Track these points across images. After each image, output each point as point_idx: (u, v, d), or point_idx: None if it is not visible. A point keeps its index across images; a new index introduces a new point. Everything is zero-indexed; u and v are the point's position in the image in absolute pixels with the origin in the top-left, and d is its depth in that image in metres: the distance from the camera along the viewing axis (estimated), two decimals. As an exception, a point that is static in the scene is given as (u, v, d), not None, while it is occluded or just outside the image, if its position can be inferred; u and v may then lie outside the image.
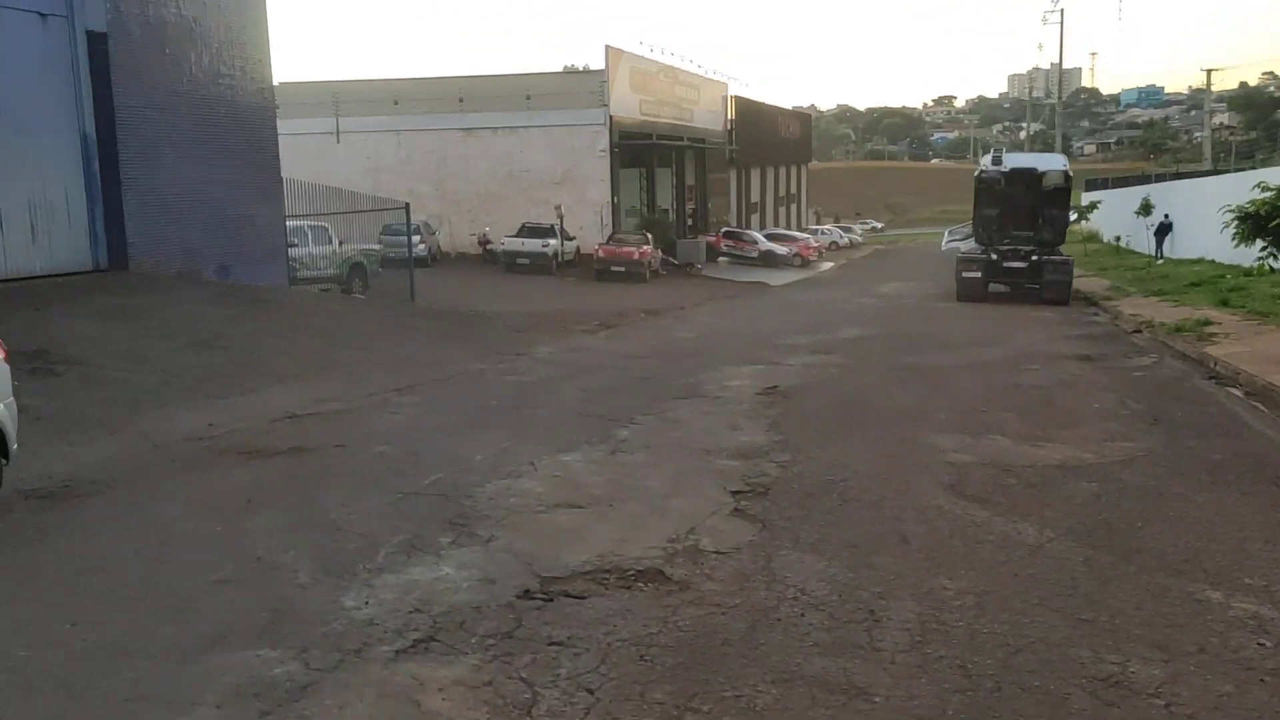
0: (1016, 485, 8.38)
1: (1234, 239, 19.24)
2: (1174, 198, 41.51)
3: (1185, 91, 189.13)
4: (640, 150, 42.62)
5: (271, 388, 13.58)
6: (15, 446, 8.14)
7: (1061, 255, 29.48)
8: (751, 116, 56.05)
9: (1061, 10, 56.23)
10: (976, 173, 33.65)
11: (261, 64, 22.53)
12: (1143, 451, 9.69)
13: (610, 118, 39.31)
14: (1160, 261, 39.24)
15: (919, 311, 25.55)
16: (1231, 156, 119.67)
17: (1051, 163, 33.44)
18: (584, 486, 8.33)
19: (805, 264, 48.35)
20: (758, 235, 49.01)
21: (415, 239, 32.90)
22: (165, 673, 4.93)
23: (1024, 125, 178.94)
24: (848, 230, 67.12)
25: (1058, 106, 66.38)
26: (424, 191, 39.89)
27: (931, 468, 8.96)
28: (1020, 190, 31.60)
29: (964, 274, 28.73)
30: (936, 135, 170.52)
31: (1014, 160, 33.77)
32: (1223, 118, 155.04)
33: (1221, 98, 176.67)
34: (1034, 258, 28.83)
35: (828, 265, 51.21)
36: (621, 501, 7.86)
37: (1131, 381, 14.18)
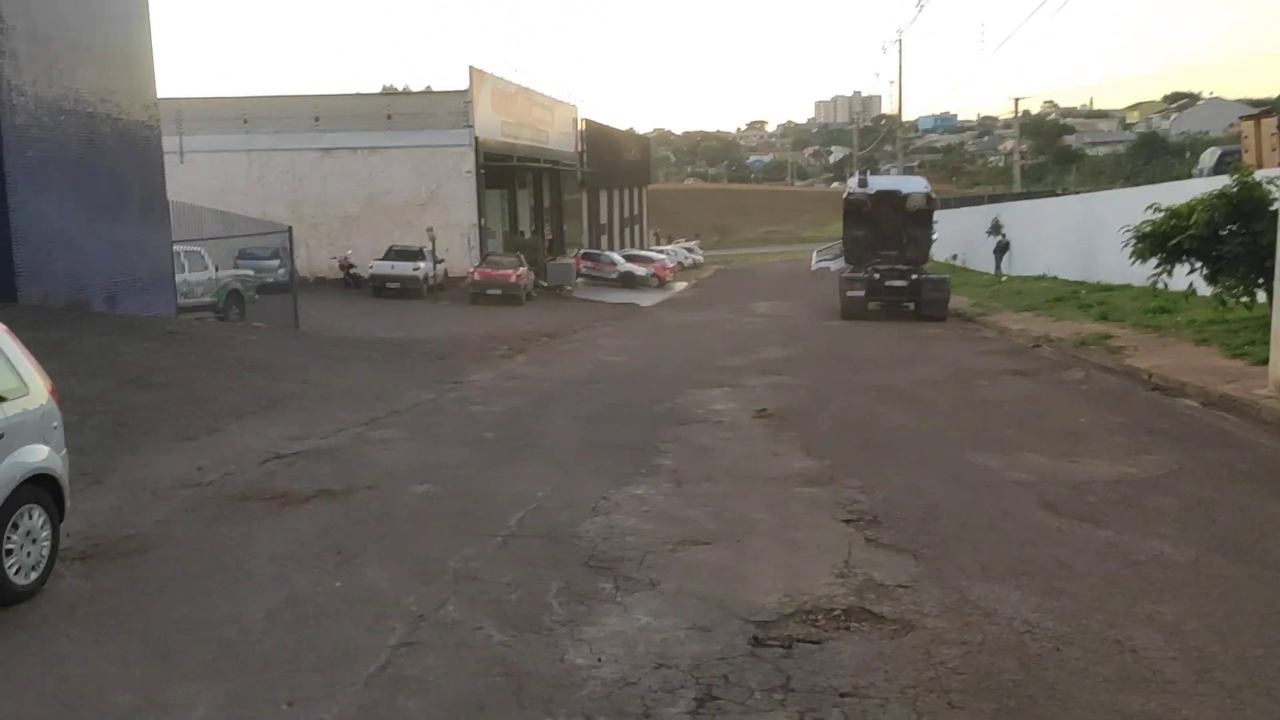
0: (1102, 502, 8.52)
1: (1131, 257, 20.36)
2: (1012, 218, 43.76)
3: (975, 119, 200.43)
4: (501, 172, 42.10)
5: (233, 426, 12.65)
6: (69, 504, 7.26)
7: (938, 275, 30.61)
8: (599, 139, 56.21)
9: (900, 41, 57.99)
10: (845, 195, 34.65)
11: (146, 82, 21.17)
12: (1174, 464, 10.03)
13: (476, 138, 38.65)
14: (1004, 278, 41.20)
15: (815, 330, 26.01)
16: (1024, 179, 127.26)
17: (914, 185, 34.81)
18: (687, 521, 8.03)
19: (662, 284, 48.68)
20: (616, 256, 49.10)
21: (275, 263, 31.60)
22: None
23: (831, 149, 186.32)
24: (691, 251, 67.98)
25: (899, 130, 69.21)
26: (278, 214, 38.03)
27: (1006, 488, 9.04)
28: (886, 212, 32.71)
29: (848, 293, 29.44)
30: (753, 159, 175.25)
31: (879, 183, 34.98)
32: (1012, 143, 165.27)
33: (1009, 125, 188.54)
34: (913, 277, 29.83)
35: (681, 285, 51.69)
36: (743, 536, 7.60)
37: (1085, 395, 14.74)
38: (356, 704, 4.94)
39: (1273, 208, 18.04)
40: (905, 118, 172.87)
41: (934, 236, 34.23)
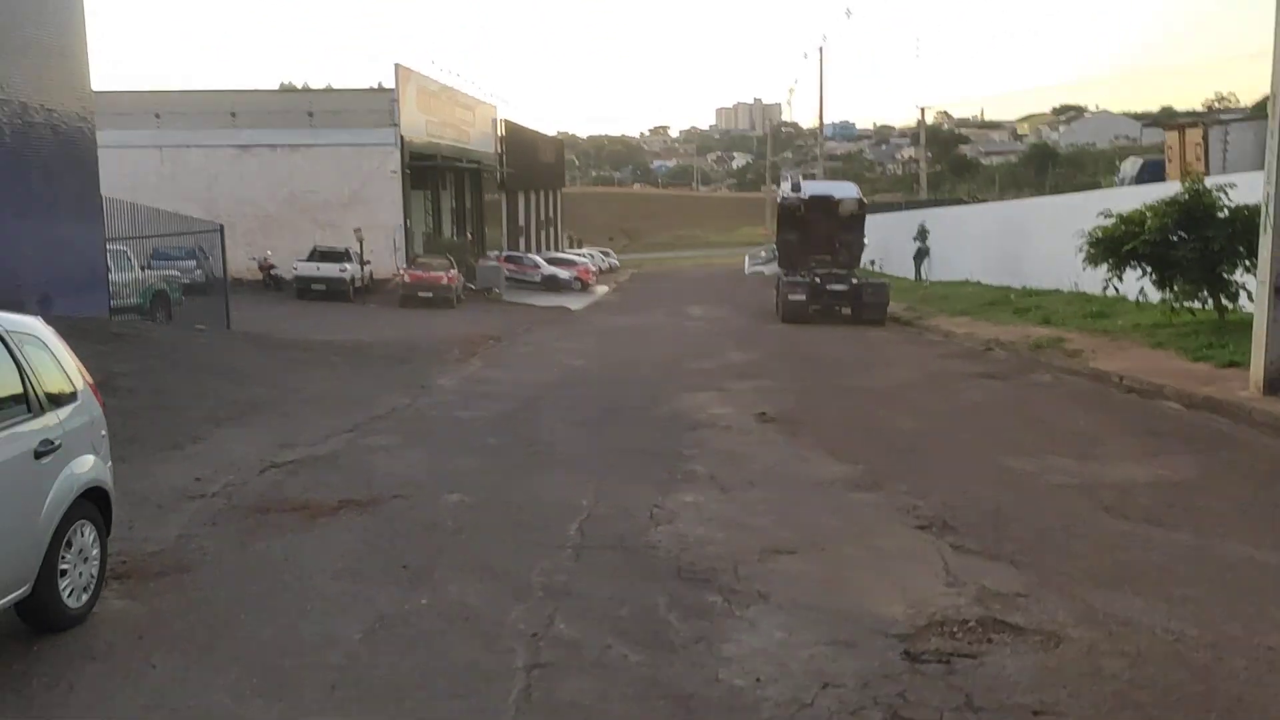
0: (1156, 505, 8.50)
1: (1085, 262, 20.76)
2: (933, 224, 44.47)
3: (871, 127, 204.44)
4: (423, 172, 41.26)
5: (216, 434, 12.01)
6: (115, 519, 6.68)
7: (878, 280, 30.89)
8: (518, 140, 55.59)
9: (820, 49, 58.59)
10: (778, 199, 34.82)
11: (81, 74, 20.08)
12: (1198, 467, 10.10)
13: (401, 138, 37.80)
14: (926, 283, 41.85)
15: (763, 333, 25.97)
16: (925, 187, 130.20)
17: (846, 190, 35.09)
18: (758, 530, 7.76)
19: (585, 288, 48.32)
20: (538, 259, 48.59)
21: (191, 263, 30.40)
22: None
23: (733, 155, 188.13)
24: (607, 255, 67.76)
25: (819, 135, 69.91)
26: (191, 213, 36.45)
27: (1055, 492, 8.97)
28: (819, 216, 32.93)
29: (790, 296, 29.44)
30: (656, 163, 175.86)
31: (812, 188, 35.19)
32: (910, 151, 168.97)
33: (905, 134, 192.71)
34: (853, 281, 30.05)
35: (603, 289, 51.39)
36: (826, 545, 7.37)
37: (1066, 398, 14.87)
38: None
39: (1221, 214, 18.59)
40: (804, 125, 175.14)
41: (865, 241, 34.61)
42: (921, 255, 44.45)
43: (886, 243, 50.21)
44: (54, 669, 5.36)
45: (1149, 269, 19.63)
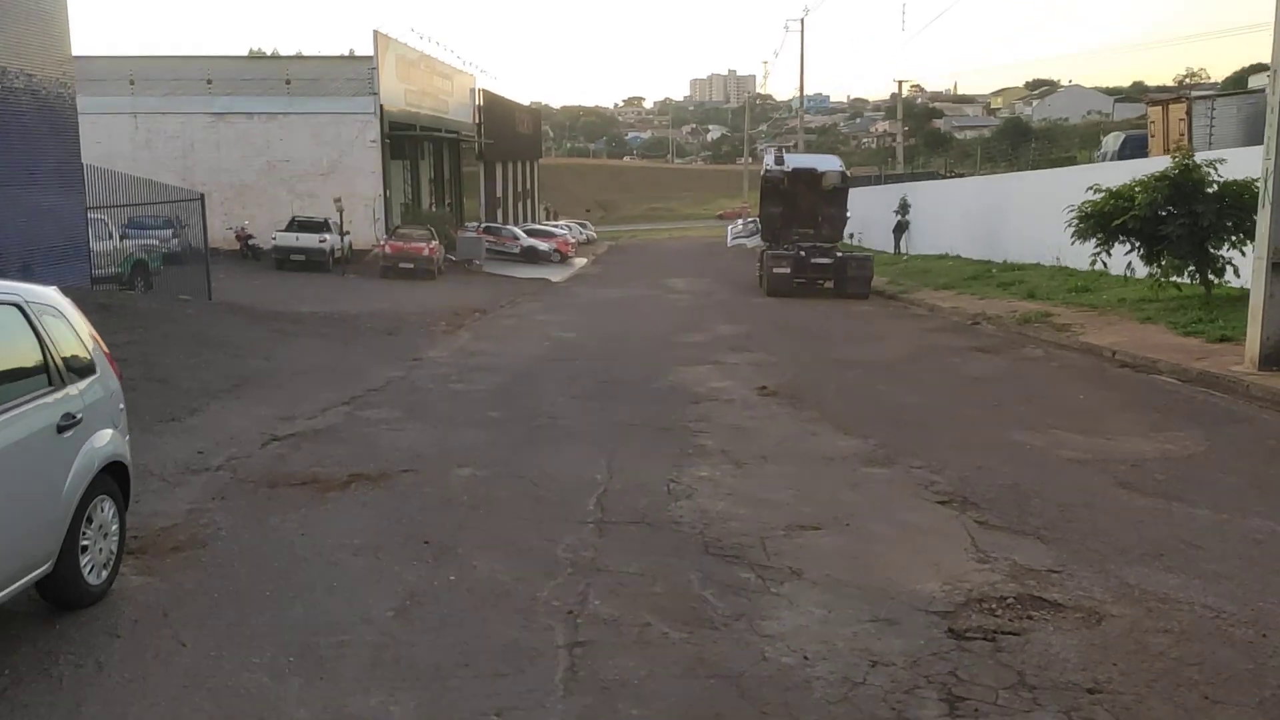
0: (1171, 480, 8.51)
1: (1073, 237, 20.77)
2: (913, 198, 44.44)
3: (845, 100, 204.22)
4: (401, 142, 40.80)
5: (212, 406, 11.84)
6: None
7: (862, 254, 30.86)
8: (495, 110, 55.09)
9: (802, 20, 58.28)
10: (762, 171, 34.66)
11: (60, 38, 19.67)
12: (1204, 441, 10.11)
13: (381, 106, 37.35)
14: (905, 256, 41.86)
15: (749, 306, 25.91)
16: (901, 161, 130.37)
17: (830, 164, 34.96)
18: (779, 505, 7.70)
19: (564, 260, 48.03)
20: (517, 230, 48.26)
21: (167, 232, 29.97)
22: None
23: (709, 128, 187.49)
24: (585, 227, 67.40)
25: (799, 108, 69.74)
26: (167, 181, 36.16)
27: (1069, 467, 8.96)
28: (802, 190, 32.86)
29: (775, 270, 29.36)
30: (631, 135, 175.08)
31: (795, 160, 35.03)
32: (885, 125, 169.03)
33: (879, 107, 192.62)
34: (838, 254, 30.02)
35: (582, 261, 51.12)
36: (850, 520, 7.31)
37: (1061, 372, 14.89)
38: (574, 713, 4.47)
39: (1210, 190, 18.64)
40: (779, 98, 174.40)
41: (848, 215, 34.55)
42: (901, 228, 44.43)
43: (865, 216, 50.13)
44: (80, 648, 5.23)
45: (1137, 244, 19.66)
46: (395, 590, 6.02)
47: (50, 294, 5.97)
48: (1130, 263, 20.03)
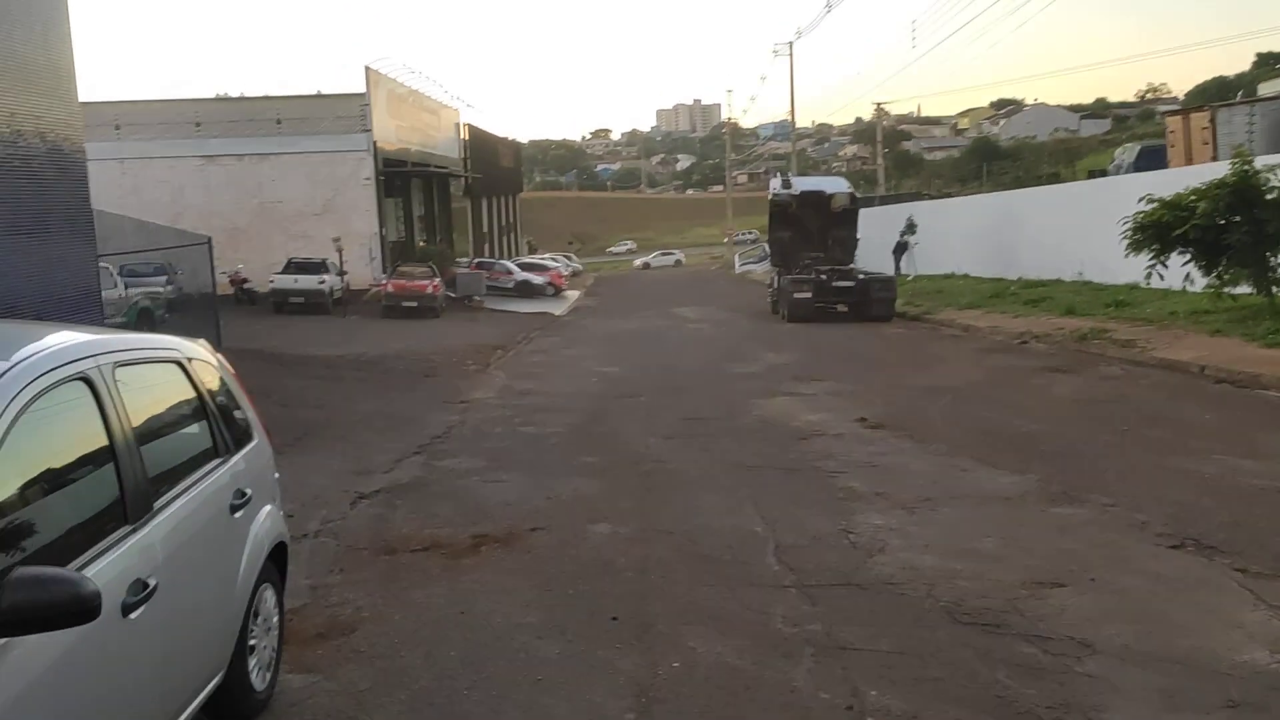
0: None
1: (1128, 249, 20.08)
2: (917, 218, 43.87)
3: (811, 126, 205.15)
4: (393, 179, 39.87)
5: (280, 462, 10.67)
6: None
7: (884, 275, 30.21)
8: (480, 145, 54.30)
9: (791, 44, 58.04)
10: (770, 196, 34.01)
11: (69, 86, 18.60)
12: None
13: (374, 143, 36.42)
14: (909, 277, 41.22)
15: (779, 333, 25.09)
16: (868, 184, 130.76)
17: (837, 185, 34.44)
18: (996, 557, 6.82)
19: (559, 293, 47.19)
20: (510, 265, 47.40)
21: (161, 278, 28.89)
22: None
23: (678, 158, 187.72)
24: (570, 259, 66.66)
25: (793, 139, 69.36)
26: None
27: (1271, 496, 8.12)
28: (810, 213, 32.29)
29: (795, 295, 28.56)
30: (601, 166, 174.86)
31: (803, 184, 34.45)
32: (853, 149, 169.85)
33: (845, 132, 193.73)
34: (860, 277, 29.34)
35: (576, 294, 50.28)
36: (1089, 572, 6.42)
37: (1158, 390, 14.08)
38: None
39: (1270, 196, 18.02)
40: (746, 126, 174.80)
41: (858, 236, 33.94)
42: (901, 249, 43.80)
43: (861, 237, 49.49)
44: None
45: (1195, 255, 19.02)
46: (617, 683, 5.07)
47: (203, 349, 5.01)
48: (1188, 274, 19.36)
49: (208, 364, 4.86)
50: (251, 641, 4.77)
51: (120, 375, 3.83)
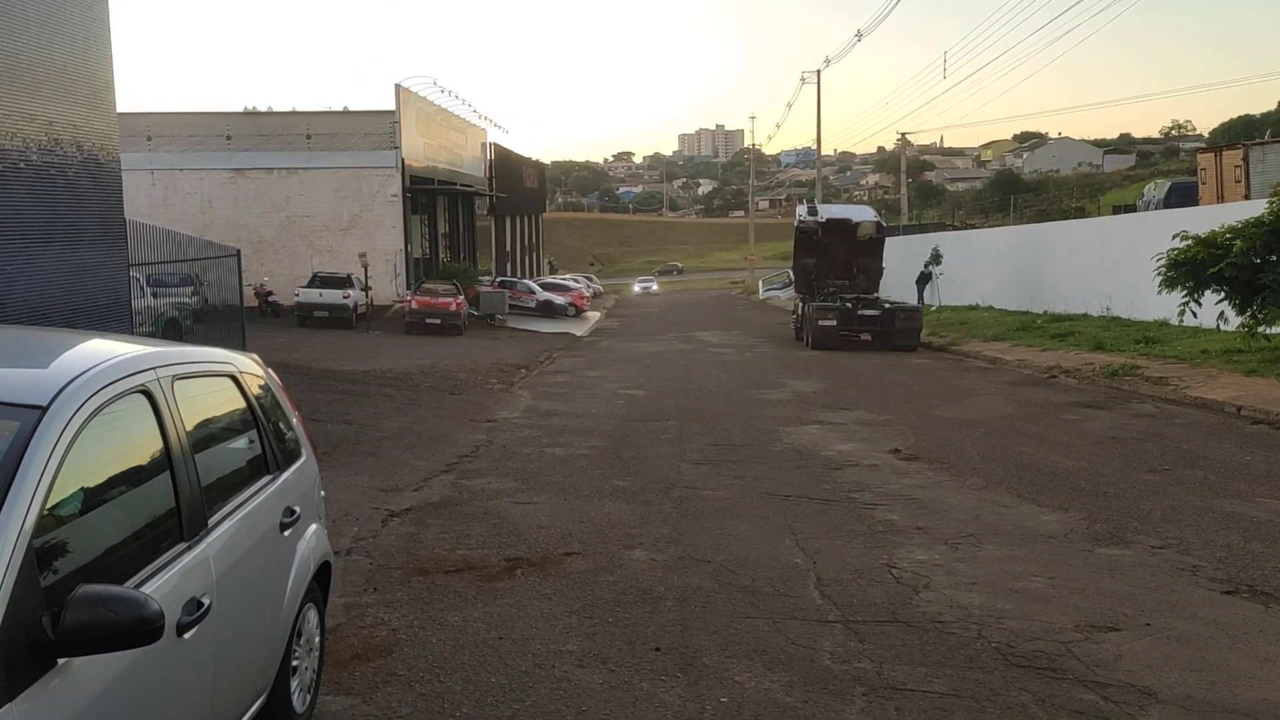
0: None
1: (1161, 286, 19.87)
2: (943, 248, 43.68)
3: (834, 154, 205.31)
4: (419, 196, 40.00)
5: (308, 478, 10.68)
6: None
7: (910, 305, 30.06)
8: (505, 164, 54.49)
9: (819, 72, 58.14)
10: (795, 223, 33.90)
11: (105, 95, 18.71)
12: None
13: (402, 160, 36.54)
14: (934, 308, 40.98)
15: (803, 360, 24.95)
16: (889, 212, 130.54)
17: (864, 214, 34.27)
18: (1044, 598, 6.67)
19: (579, 314, 47.17)
20: (533, 284, 47.40)
21: (188, 289, 28.98)
22: None
23: (699, 182, 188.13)
24: (591, 280, 66.64)
25: (818, 166, 69.38)
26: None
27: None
28: (836, 240, 32.16)
29: (820, 322, 28.46)
30: (622, 190, 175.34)
31: (829, 211, 34.31)
32: (875, 177, 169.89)
33: (867, 160, 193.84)
34: (885, 306, 29.21)
35: (596, 315, 50.26)
36: (1143, 616, 6.27)
37: (1193, 430, 13.89)
38: None
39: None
40: (769, 152, 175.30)
41: (883, 266, 33.78)
42: (924, 279, 43.59)
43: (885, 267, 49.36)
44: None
45: (1229, 293, 18.80)
46: (664, 718, 4.95)
47: (254, 362, 4.93)
48: (1223, 312, 19.14)
49: (259, 378, 4.78)
50: (294, 662, 4.67)
51: (178, 388, 3.76)
